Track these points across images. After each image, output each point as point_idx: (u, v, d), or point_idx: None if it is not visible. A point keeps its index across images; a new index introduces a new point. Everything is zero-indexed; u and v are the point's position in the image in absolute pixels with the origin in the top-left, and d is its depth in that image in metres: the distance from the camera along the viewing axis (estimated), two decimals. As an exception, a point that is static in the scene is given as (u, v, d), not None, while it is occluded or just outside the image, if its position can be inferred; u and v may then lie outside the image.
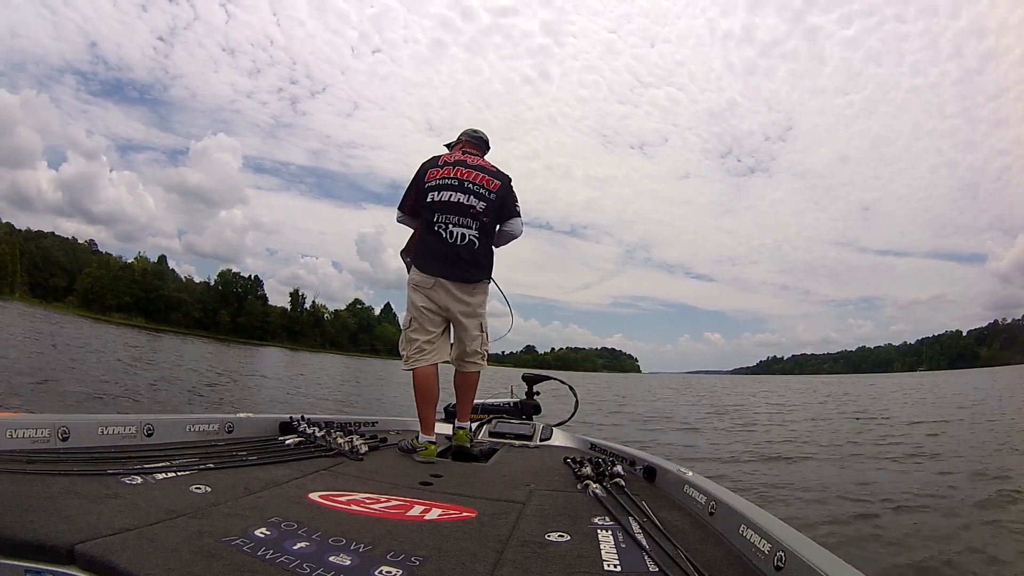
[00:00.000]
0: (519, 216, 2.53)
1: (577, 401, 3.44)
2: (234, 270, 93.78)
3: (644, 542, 1.21)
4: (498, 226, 2.49)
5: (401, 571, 0.99)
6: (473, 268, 2.43)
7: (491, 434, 2.92)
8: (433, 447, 2.25)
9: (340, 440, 2.10)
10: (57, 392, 8.00)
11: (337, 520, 1.27)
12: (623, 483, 1.72)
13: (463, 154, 2.52)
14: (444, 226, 2.37)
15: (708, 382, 63.25)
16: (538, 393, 3.40)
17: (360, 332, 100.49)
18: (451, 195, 2.38)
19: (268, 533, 1.12)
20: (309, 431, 2.23)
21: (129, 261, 79.88)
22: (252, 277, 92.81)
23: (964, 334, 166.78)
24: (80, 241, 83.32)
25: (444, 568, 1.03)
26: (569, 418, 3.31)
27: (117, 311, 69.51)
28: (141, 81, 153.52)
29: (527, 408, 3.25)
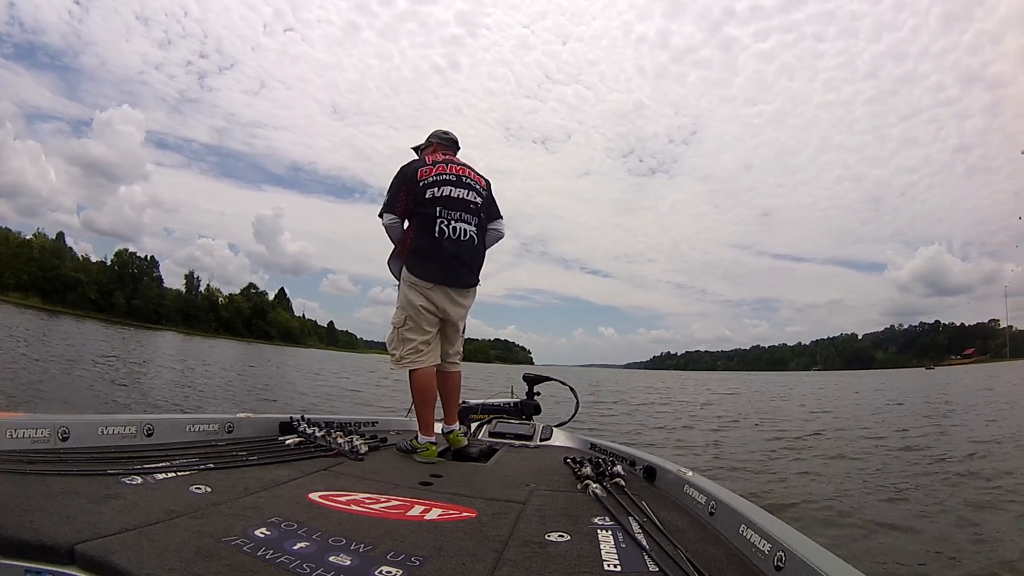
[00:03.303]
0: (502, 217, 2.57)
1: (578, 402, 3.45)
2: (131, 250, 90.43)
3: (644, 542, 1.21)
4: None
5: (401, 571, 0.99)
6: (472, 271, 2.44)
7: (491, 434, 2.92)
8: (434, 447, 2.25)
9: (340, 440, 2.10)
10: None
11: (337, 520, 1.27)
12: (623, 483, 1.71)
13: (443, 155, 2.52)
14: (448, 222, 2.35)
15: (600, 375, 59.81)
16: (538, 393, 3.41)
17: (254, 317, 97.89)
18: (451, 190, 2.38)
19: (268, 533, 1.12)
20: (309, 431, 2.24)
21: (28, 237, 74.47)
22: (148, 258, 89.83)
23: (860, 337, 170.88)
24: (-20, 215, 76.59)
25: (444, 568, 1.03)
26: (570, 419, 3.32)
27: (15, 290, 65.59)
28: (54, 46, 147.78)
29: (527, 408, 3.25)
